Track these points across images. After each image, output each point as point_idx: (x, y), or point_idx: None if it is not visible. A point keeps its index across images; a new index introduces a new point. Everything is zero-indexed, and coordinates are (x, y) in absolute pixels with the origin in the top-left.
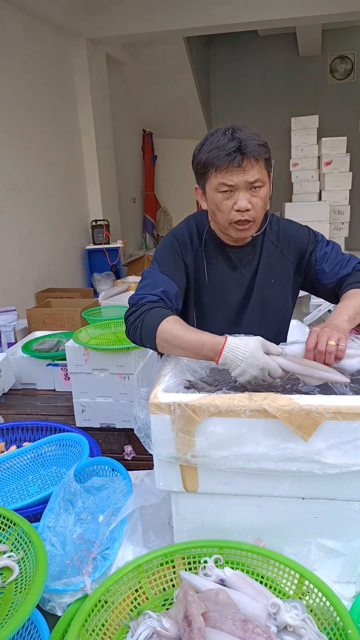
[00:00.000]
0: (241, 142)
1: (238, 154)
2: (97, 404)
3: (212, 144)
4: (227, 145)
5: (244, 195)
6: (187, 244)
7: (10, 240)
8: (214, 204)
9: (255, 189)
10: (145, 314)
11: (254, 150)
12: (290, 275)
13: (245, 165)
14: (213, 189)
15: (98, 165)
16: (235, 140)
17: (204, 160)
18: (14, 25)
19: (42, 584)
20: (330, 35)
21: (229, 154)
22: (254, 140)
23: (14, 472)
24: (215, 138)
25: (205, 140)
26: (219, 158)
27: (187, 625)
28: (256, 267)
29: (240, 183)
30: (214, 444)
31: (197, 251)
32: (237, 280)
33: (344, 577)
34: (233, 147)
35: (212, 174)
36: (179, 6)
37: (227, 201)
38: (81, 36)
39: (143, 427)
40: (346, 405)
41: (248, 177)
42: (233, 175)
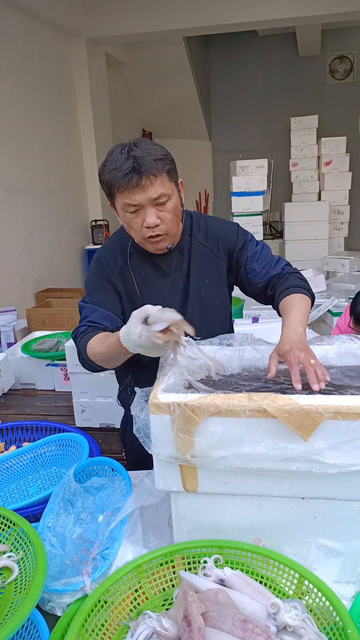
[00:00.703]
0: (135, 161)
1: (134, 174)
2: (97, 404)
3: (111, 163)
4: (123, 166)
5: (151, 212)
6: (111, 263)
7: (10, 240)
8: (125, 223)
9: (161, 204)
10: (79, 346)
11: (150, 167)
12: (223, 273)
13: (144, 183)
14: (121, 209)
15: (97, 165)
16: (130, 159)
17: (106, 180)
18: (14, 25)
19: (42, 584)
20: (330, 35)
21: (125, 174)
22: (149, 156)
23: (14, 472)
24: (115, 157)
25: (106, 161)
26: (117, 180)
27: (187, 625)
28: (187, 270)
29: (143, 201)
30: (214, 443)
31: (122, 267)
32: (171, 287)
33: (343, 577)
34: (129, 168)
35: (116, 194)
36: (178, 6)
37: (136, 219)
38: (81, 36)
39: (142, 427)
40: (346, 405)
41: (150, 194)
42: (135, 194)
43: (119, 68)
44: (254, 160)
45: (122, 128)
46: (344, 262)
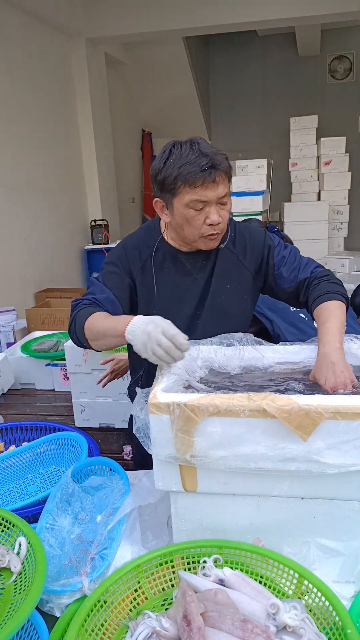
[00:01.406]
0: (212, 158)
1: (212, 170)
2: (96, 404)
3: (180, 159)
4: (199, 161)
5: (215, 209)
6: (136, 255)
7: (9, 240)
8: (183, 219)
9: (223, 204)
10: (76, 315)
11: (224, 166)
12: (248, 281)
13: (218, 181)
14: (183, 205)
15: (97, 165)
16: (206, 156)
17: (174, 175)
18: (13, 25)
19: (42, 585)
20: (329, 35)
21: (203, 169)
22: (220, 155)
23: (13, 471)
24: (183, 153)
25: (169, 155)
26: (192, 174)
27: (187, 625)
28: (210, 273)
29: (212, 198)
30: (213, 444)
31: (146, 261)
32: (191, 287)
33: (343, 577)
34: (207, 163)
35: (184, 189)
36: (178, 6)
37: (199, 216)
38: (80, 36)
39: (142, 427)
40: (345, 405)
41: (219, 192)
42: (207, 191)
43: (118, 68)
44: (254, 160)
45: (122, 128)
46: (344, 262)
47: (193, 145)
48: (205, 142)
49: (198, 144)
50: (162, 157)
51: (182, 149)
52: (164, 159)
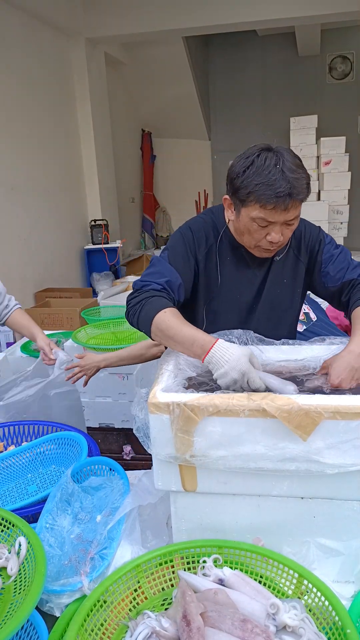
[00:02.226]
0: (292, 185)
1: (287, 198)
2: (96, 403)
3: (260, 175)
4: (278, 186)
5: (279, 229)
6: (202, 239)
7: (9, 240)
8: (245, 228)
9: (289, 225)
10: (146, 300)
11: (302, 194)
12: (302, 275)
13: (290, 207)
14: (249, 217)
15: (97, 165)
16: (286, 181)
17: (249, 190)
18: (13, 25)
19: (41, 585)
20: (329, 35)
21: (278, 196)
22: (302, 180)
23: (13, 471)
24: (266, 169)
25: (250, 164)
26: (267, 197)
27: (186, 625)
28: (268, 267)
29: (279, 220)
30: (213, 443)
31: (211, 247)
32: (250, 279)
33: (342, 577)
34: (284, 191)
35: (254, 205)
36: (178, 6)
37: (261, 231)
38: (80, 36)
39: (142, 427)
40: (345, 405)
41: (288, 216)
42: (277, 214)
43: (118, 68)
44: None
45: (121, 128)
46: None
47: (278, 162)
48: (291, 157)
49: (283, 160)
50: (244, 162)
51: (265, 163)
52: (245, 166)
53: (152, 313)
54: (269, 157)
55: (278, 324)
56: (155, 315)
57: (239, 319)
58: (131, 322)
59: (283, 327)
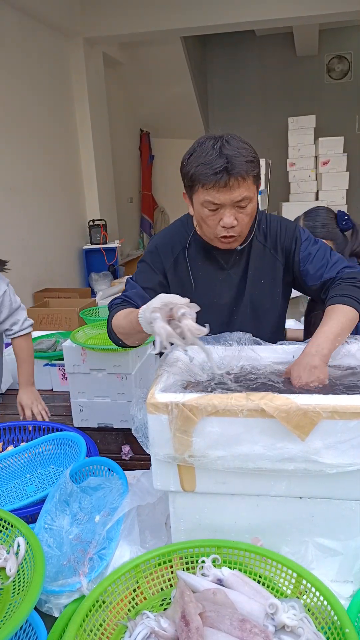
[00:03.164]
0: (228, 161)
1: (224, 174)
2: (95, 404)
3: (199, 157)
4: (214, 163)
5: (230, 212)
6: (168, 250)
7: (7, 240)
8: (200, 217)
9: (241, 207)
10: (108, 318)
11: (241, 170)
12: (279, 274)
13: (232, 185)
14: (199, 204)
15: (95, 165)
16: (223, 157)
17: (191, 173)
18: (11, 24)
19: (40, 586)
20: (327, 35)
21: (215, 172)
22: (241, 157)
23: (12, 471)
24: (204, 151)
25: (193, 151)
26: (205, 176)
27: (185, 625)
28: (245, 268)
29: (226, 201)
30: (212, 443)
31: (179, 255)
32: (226, 281)
33: (341, 576)
34: (220, 166)
35: (199, 189)
36: (176, 6)
37: (213, 217)
38: (78, 36)
39: (141, 427)
40: (343, 405)
41: (234, 195)
42: (219, 194)
43: (116, 68)
44: None
45: (120, 128)
46: None
47: (217, 143)
48: (235, 140)
49: (225, 142)
50: (189, 151)
51: (204, 146)
52: (189, 154)
53: (110, 325)
54: (209, 140)
55: (262, 325)
56: (111, 325)
57: (221, 322)
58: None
59: (265, 328)
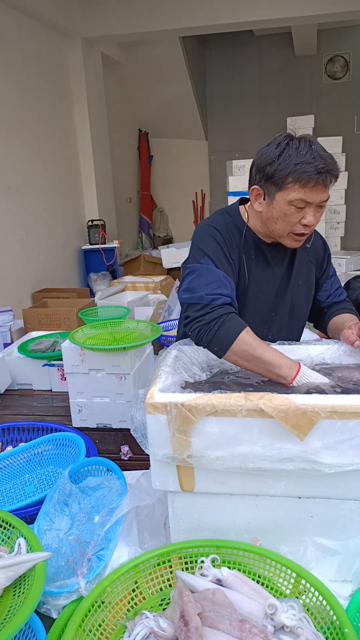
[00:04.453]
0: (327, 162)
1: (327, 174)
2: (94, 404)
3: (296, 156)
4: (317, 163)
5: (313, 212)
6: (230, 237)
7: (6, 241)
8: (281, 214)
9: (321, 208)
10: (224, 317)
11: (337, 172)
12: (313, 280)
13: (329, 184)
14: (286, 201)
15: (94, 165)
16: (323, 159)
17: (288, 171)
18: (9, 24)
19: (41, 588)
20: (326, 35)
21: (319, 172)
22: (333, 159)
23: (10, 472)
24: (300, 150)
25: (283, 150)
26: (309, 175)
27: (184, 625)
28: (288, 267)
29: (316, 201)
30: (210, 444)
31: (240, 245)
32: (269, 278)
33: (340, 576)
34: (324, 167)
35: (292, 187)
36: (174, 6)
37: (297, 214)
38: (77, 35)
39: (139, 428)
40: (342, 405)
41: (324, 196)
42: (315, 193)
43: (115, 68)
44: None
45: (118, 128)
46: (341, 261)
47: (312, 145)
48: (318, 143)
49: (314, 143)
50: (276, 148)
51: (299, 146)
52: (279, 151)
53: (234, 333)
54: (300, 141)
55: (296, 324)
56: (238, 334)
57: (261, 319)
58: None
59: (297, 327)
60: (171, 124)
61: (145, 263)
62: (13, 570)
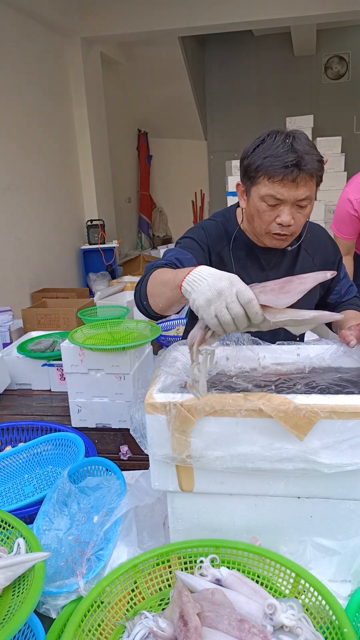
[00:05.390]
0: (300, 157)
1: (295, 169)
2: (93, 404)
3: (268, 149)
4: (285, 157)
5: (289, 211)
6: (216, 238)
7: (5, 241)
8: (255, 210)
9: (301, 207)
10: (147, 273)
11: (311, 168)
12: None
13: (299, 182)
14: (259, 197)
15: (93, 165)
16: (295, 152)
17: (257, 164)
18: (7, 24)
19: (40, 589)
20: (325, 35)
21: (285, 166)
22: (312, 155)
23: (9, 472)
24: (274, 144)
25: (261, 142)
26: (274, 168)
27: (183, 625)
28: (286, 272)
29: (289, 198)
30: (210, 444)
31: (225, 248)
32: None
33: (339, 576)
34: (291, 160)
35: (262, 181)
36: (173, 6)
37: (270, 212)
38: (76, 35)
39: (139, 428)
40: (341, 405)
41: (299, 193)
42: (284, 189)
43: (114, 68)
44: None
45: (117, 128)
46: None
47: (288, 138)
48: (304, 139)
49: (294, 138)
50: (255, 142)
51: (275, 139)
52: (255, 145)
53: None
54: (279, 134)
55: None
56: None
57: None
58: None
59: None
60: (170, 124)
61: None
62: (12, 570)
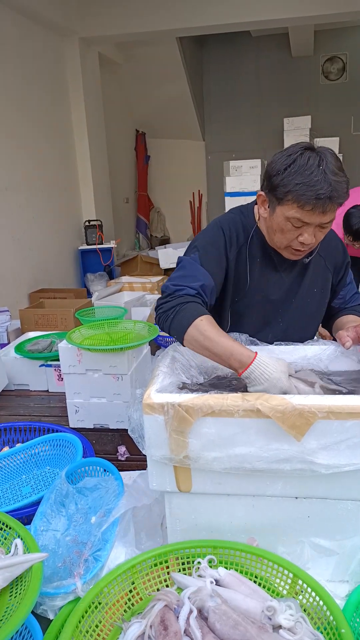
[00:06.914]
0: (334, 188)
1: (327, 202)
2: (91, 404)
3: (301, 174)
4: (319, 188)
5: (312, 231)
6: (234, 238)
7: (2, 241)
8: (279, 227)
9: (323, 228)
10: (180, 306)
11: (342, 199)
12: (328, 287)
13: (327, 211)
14: (284, 217)
15: (91, 165)
16: (328, 183)
17: (288, 189)
18: (6, 24)
19: (38, 589)
20: (323, 35)
21: (318, 198)
22: (343, 184)
23: (7, 472)
24: (307, 168)
25: (292, 162)
26: (306, 198)
27: (163, 629)
28: (300, 273)
29: (315, 222)
30: (207, 444)
31: (242, 248)
32: (277, 283)
33: (337, 576)
34: (325, 193)
35: (291, 205)
36: (172, 6)
37: (294, 231)
38: (74, 35)
39: (137, 428)
40: (338, 405)
41: (325, 219)
42: (313, 216)
43: (112, 68)
44: (247, 161)
45: (115, 128)
46: None
47: (321, 163)
48: (334, 159)
49: (326, 162)
50: (286, 160)
51: (308, 163)
52: (286, 164)
53: (187, 320)
54: (312, 157)
55: (305, 331)
56: (191, 323)
57: (263, 322)
58: (162, 327)
59: (309, 333)
60: (168, 125)
61: (143, 263)
62: (10, 571)
